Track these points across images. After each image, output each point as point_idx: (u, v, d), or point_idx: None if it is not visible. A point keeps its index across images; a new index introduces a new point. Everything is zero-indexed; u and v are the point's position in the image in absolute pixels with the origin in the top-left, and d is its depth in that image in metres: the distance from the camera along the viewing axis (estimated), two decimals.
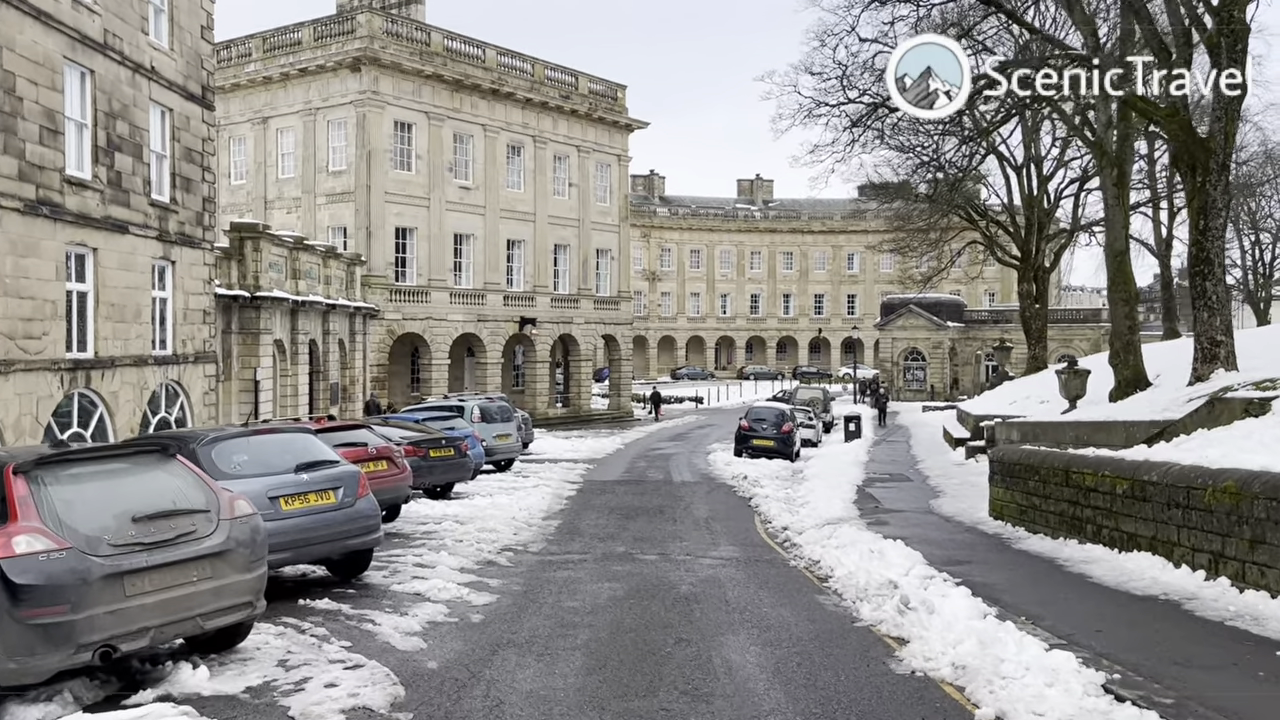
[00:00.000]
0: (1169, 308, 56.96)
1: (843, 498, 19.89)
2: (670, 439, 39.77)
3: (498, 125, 48.31)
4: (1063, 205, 48.38)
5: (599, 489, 22.55)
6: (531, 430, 34.63)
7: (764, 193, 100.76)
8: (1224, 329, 22.89)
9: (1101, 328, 64.33)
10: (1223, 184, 22.67)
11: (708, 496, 21.31)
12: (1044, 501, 14.10)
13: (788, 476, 26.22)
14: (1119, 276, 31.43)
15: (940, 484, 23.48)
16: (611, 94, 54.61)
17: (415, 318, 44.63)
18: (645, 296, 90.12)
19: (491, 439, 26.73)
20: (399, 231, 44.72)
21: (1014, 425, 25.65)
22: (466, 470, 21.39)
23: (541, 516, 17.88)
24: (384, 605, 10.48)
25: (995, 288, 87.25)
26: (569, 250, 52.14)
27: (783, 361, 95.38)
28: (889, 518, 17.34)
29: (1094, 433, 20.54)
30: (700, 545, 14.72)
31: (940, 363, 67.08)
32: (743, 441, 31.53)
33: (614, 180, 54.95)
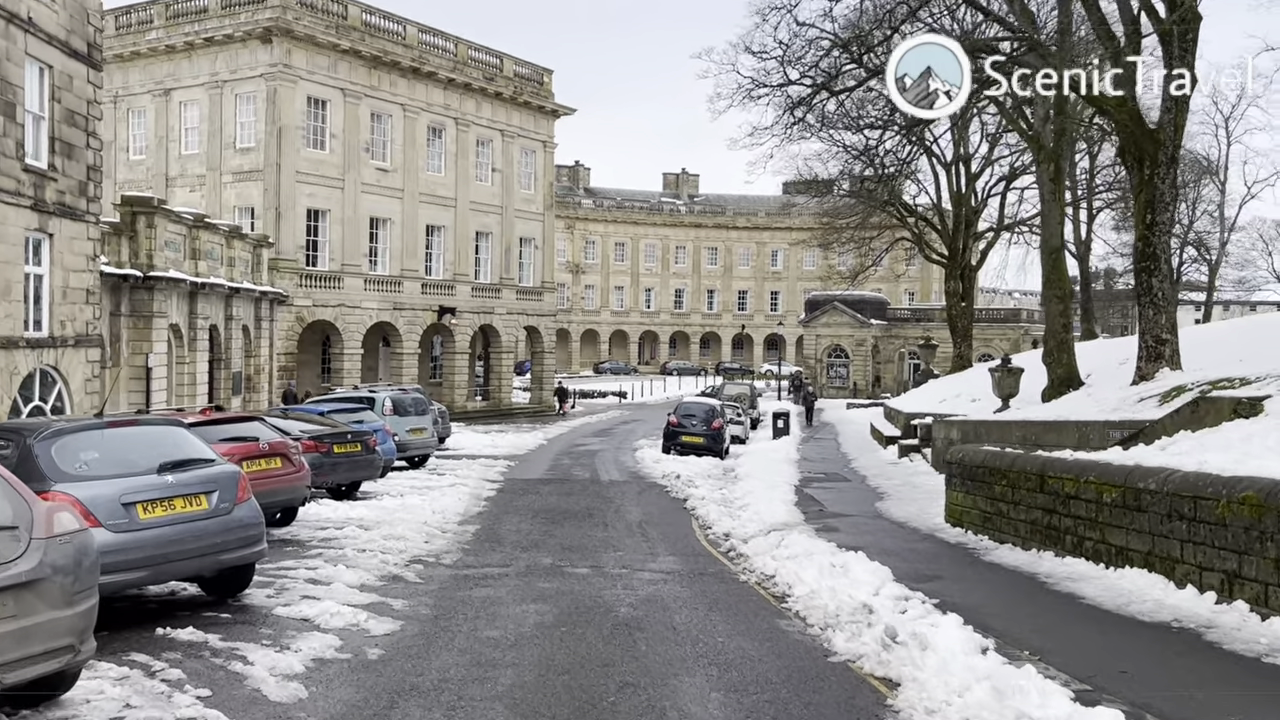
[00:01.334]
0: (1087, 308, 57.18)
1: (783, 500, 18.44)
2: (595, 435, 38.07)
3: (418, 105, 45.98)
4: (990, 204, 47.96)
5: (521, 489, 20.75)
6: (449, 424, 32.59)
7: (689, 187, 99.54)
8: (1169, 327, 22.07)
9: (1021, 328, 64.57)
10: (1171, 177, 21.85)
11: (639, 498, 19.66)
12: (1013, 509, 12.78)
13: (720, 475, 24.75)
14: (1054, 274, 30.68)
15: (881, 485, 22.22)
16: (537, 78, 52.63)
17: (327, 304, 42.12)
18: (569, 289, 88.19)
19: (404, 433, 24.69)
20: (311, 214, 42.16)
21: (953, 424, 24.55)
22: (375, 468, 19.40)
23: (457, 521, 16.03)
24: (262, 636, 8.59)
25: (915, 287, 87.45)
26: (491, 238, 50.02)
27: (706, 357, 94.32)
28: (837, 523, 15.91)
29: (1044, 433, 19.44)
30: (637, 555, 13.05)
31: (863, 360, 66.57)
32: (671, 438, 30.01)
33: (539, 167, 52.98)
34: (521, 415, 48.82)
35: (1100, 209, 53.00)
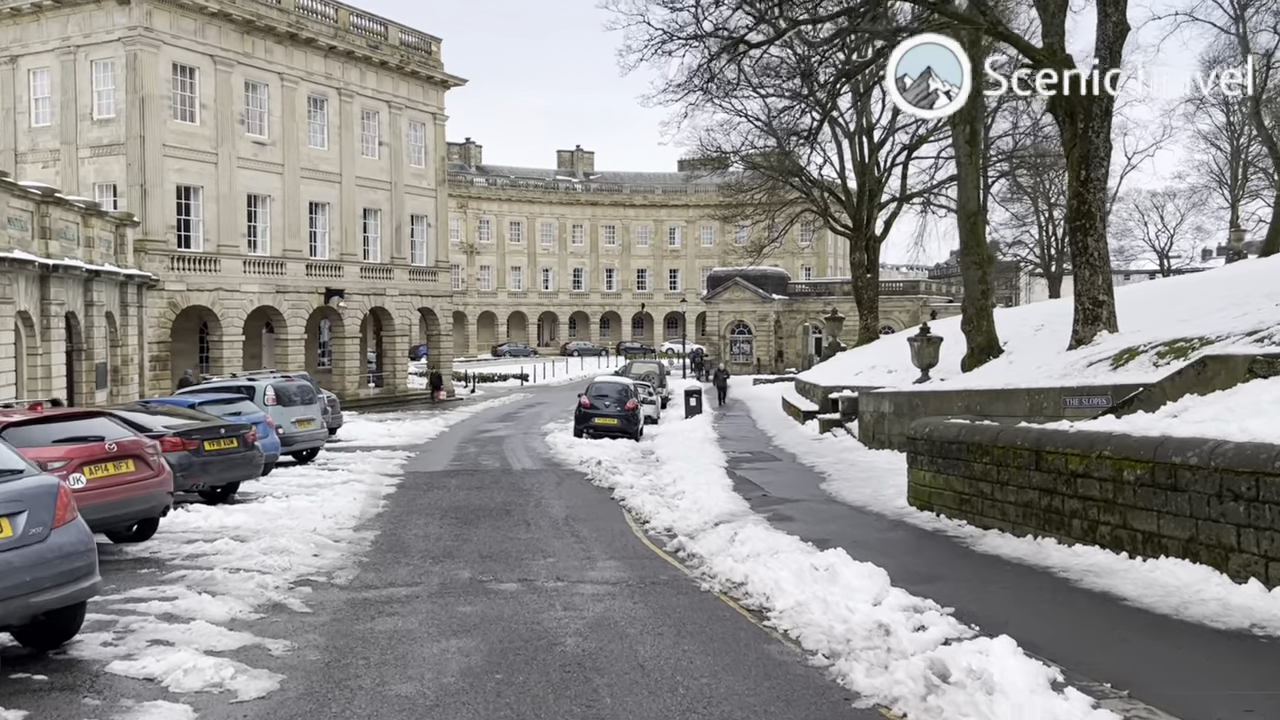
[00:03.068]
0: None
1: (719, 484, 16.55)
2: (499, 419, 35.67)
3: (297, 74, 42.49)
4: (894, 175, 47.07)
5: (425, 483, 18.36)
6: (340, 413, 29.78)
7: (585, 165, 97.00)
8: (1106, 288, 20.93)
9: (919, 299, 64.36)
10: (1105, 130, 20.67)
11: (559, 488, 17.49)
12: (999, 489, 11.10)
13: (640, 459, 22.78)
14: (971, 239, 29.58)
15: (815, 463, 20.54)
16: (425, 47, 49.52)
17: (203, 288, 38.56)
18: (463, 270, 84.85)
19: (289, 425, 21.98)
20: (182, 190, 38.47)
21: (883, 396, 23.08)
22: (254, 466, 16.78)
23: (353, 525, 13.63)
24: (83, 713, 6.22)
25: (812, 262, 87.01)
26: (380, 215, 46.86)
27: (606, 338, 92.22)
28: (788, 510, 14.08)
29: (991, 401, 18.02)
30: (572, 562, 10.93)
31: (766, 335, 65.46)
32: (583, 421, 27.91)
33: (429, 140, 49.93)
34: (418, 401, 45.96)
35: (996, 178, 52.75)
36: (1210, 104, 61.79)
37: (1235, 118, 62.37)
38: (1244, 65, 26.48)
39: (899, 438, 21.58)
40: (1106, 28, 20.00)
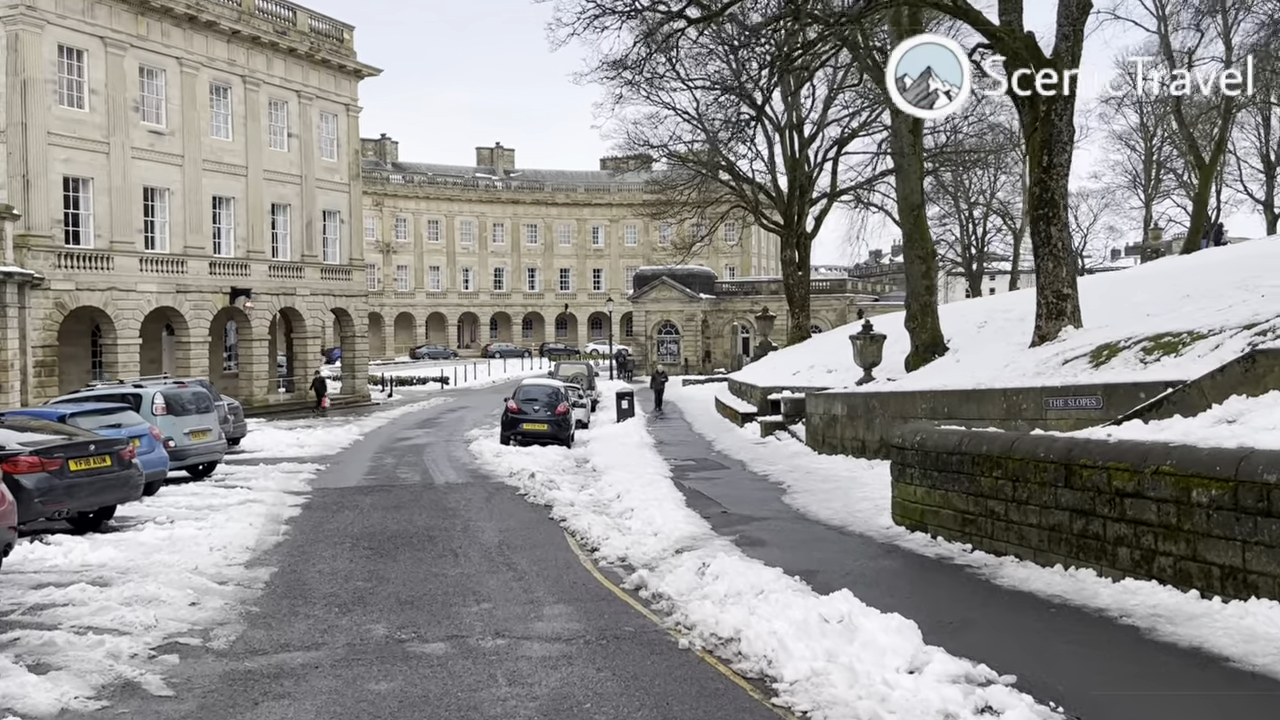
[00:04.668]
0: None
1: (670, 499, 14.62)
2: (419, 426, 33.22)
3: (197, 60, 39.31)
4: (825, 170, 45.80)
5: (335, 502, 16.03)
6: (243, 422, 27.06)
7: (505, 162, 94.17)
8: (1070, 281, 19.57)
9: (846, 298, 63.48)
10: (1069, 113, 19.37)
11: (490, 506, 15.34)
12: (1016, 509, 9.38)
13: (575, 469, 20.77)
14: (915, 233, 28.17)
15: (768, 472, 18.75)
16: (337, 34, 46.60)
17: (95, 288, 35.23)
18: (380, 270, 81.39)
19: (182, 437, 19.40)
20: (69, 182, 35.08)
21: (834, 397, 21.45)
22: (132, 487, 14.29)
23: (245, 560, 11.33)
24: None
25: (736, 261, 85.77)
26: (290, 211, 43.82)
27: (529, 339, 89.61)
28: (756, 530, 12.21)
29: (961, 403, 16.45)
30: (513, 607, 8.87)
31: (694, 335, 63.79)
32: (511, 427, 25.74)
33: (342, 133, 47.00)
34: (332, 407, 43.10)
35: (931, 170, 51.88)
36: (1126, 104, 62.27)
37: (1149, 120, 62.92)
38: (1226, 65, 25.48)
39: (853, 442, 20.00)
40: (1070, 4, 18.67)
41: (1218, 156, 45.82)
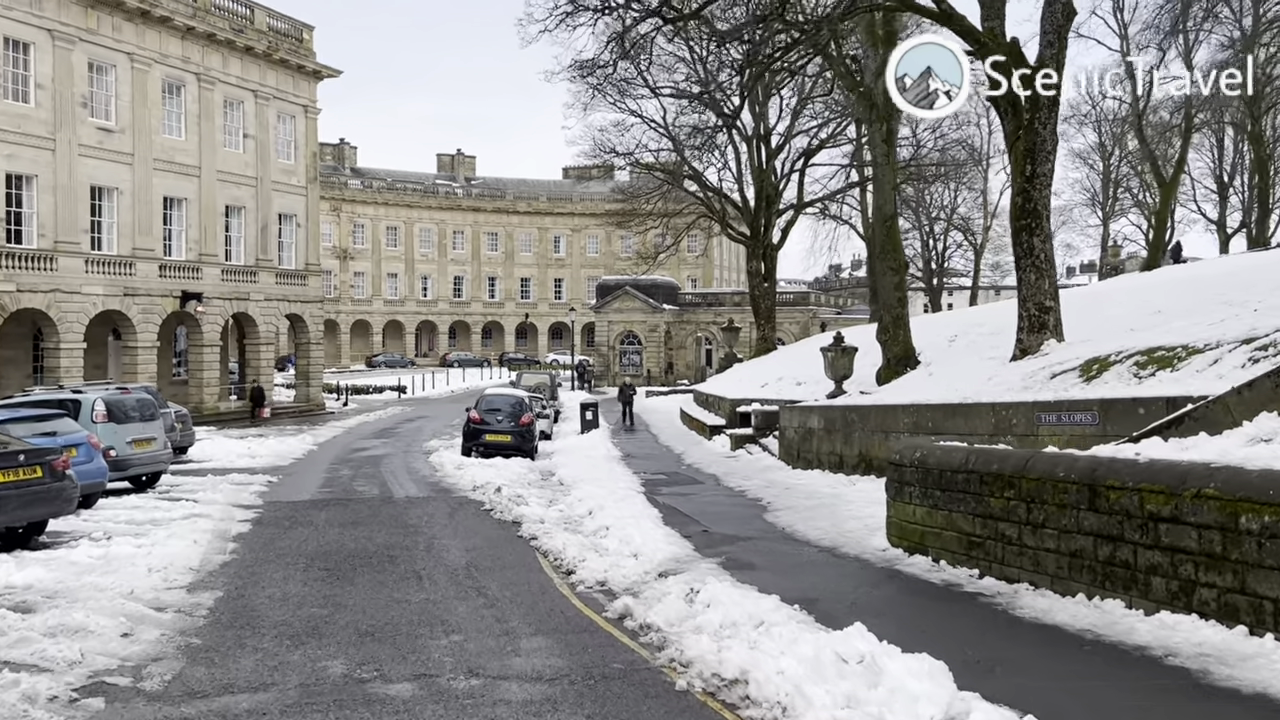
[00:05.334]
0: (875, 290, 56.30)
1: (646, 516, 13.79)
2: (376, 436, 32.06)
3: (149, 56, 37.90)
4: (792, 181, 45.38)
5: (288, 517, 14.98)
6: (192, 430, 25.80)
7: (466, 169, 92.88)
8: (1052, 293, 19.10)
9: (809, 311, 63.16)
10: (1053, 122, 18.92)
11: (454, 523, 14.39)
12: (1032, 533, 8.68)
13: (542, 483, 19.88)
14: (888, 244, 27.71)
15: (745, 487, 17.98)
16: (296, 34, 45.34)
17: (37, 289, 33.69)
18: (336, 276, 79.66)
19: (124, 446, 18.22)
20: (12, 179, 33.54)
21: (810, 410, 20.78)
22: (65, 500, 13.16)
23: (187, 582, 10.31)
24: None
25: (698, 273, 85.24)
26: (245, 213, 42.43)
27: (489, 348, 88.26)
28: (743, 551, 11.41)
29: (946, 418, 15.81)
30: (486, 640, 7.97)
31: (657, 346, 63.00)
32: (473, 438, 24.75)
33: (300, 134, 45.70)
34: (285, 415, 41.72)
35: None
36: (1087, 123, 62.75)
37: (1108, 139, 63.52)
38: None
39: (830, 457, 19.31)
40: (1055, 9, 18.24)
41: (1178, 175, 46.14)
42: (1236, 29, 43.20)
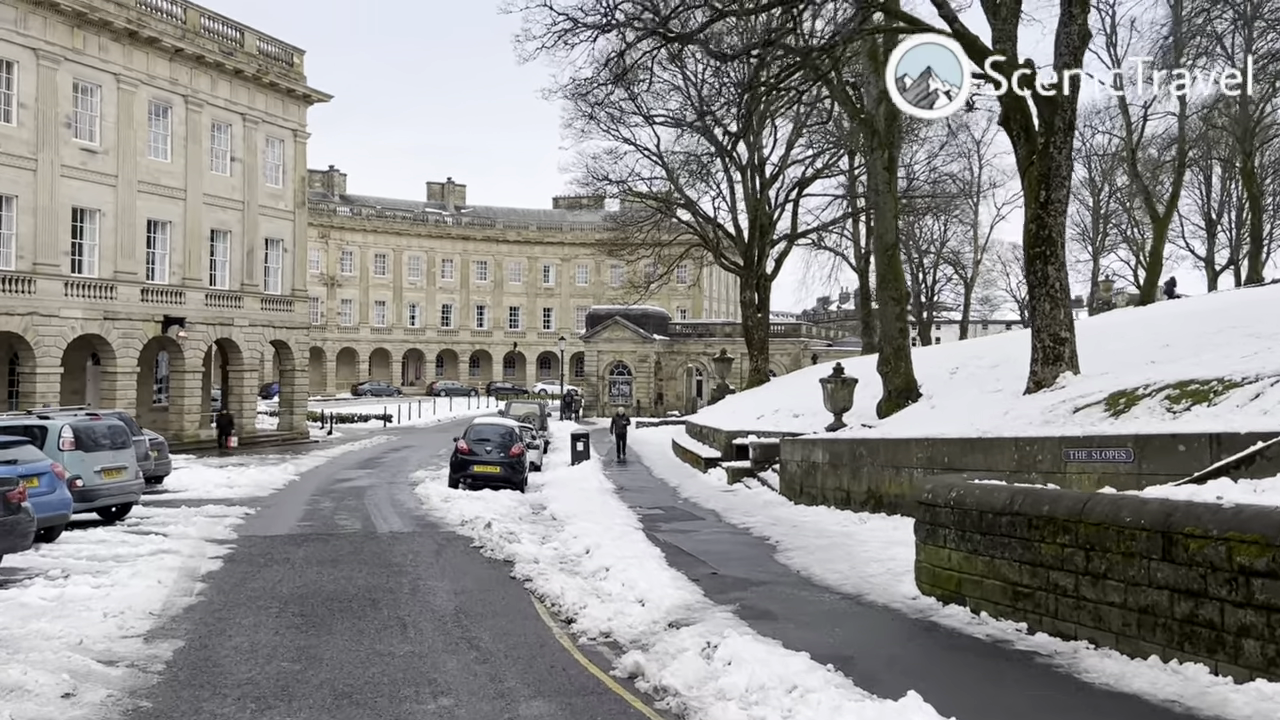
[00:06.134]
0: (868, 323, 55.60)
1: (648, 556, 12.76)
2: (360, 466, 30.90)
3: (136, 77, 36.99)
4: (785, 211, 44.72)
5: (263, 554, 13.88)
6: (168, 458, 24.62)
7: (456, 198, 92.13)
8: (1068, 324, 18.28)
9: (801, 342, 62.38)
10: (1068, 146, 18.18)
11: (441, 562, 13.31)
12: (1092, 584, 7.72)
13: (533, 517, 18.85)
14: (889, 273, 26.94)
15: (749, 524, 16.96)
16: (286, 58, 44.54)
17: (14, 312, 32.49)
18: (323, 304, 78.56)
19: (92, 475, 17.09)
20: None
21: (815, 444, 19.82)
22: (19, 535, 12.06)
23: (145, 630, 9.22)
24: None
25: (687, 304, 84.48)
26: (230, 237, 41.39)
27: (476, 377, 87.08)
28: (758, 598, 10.40)
29: (964, 452, 14.89)
30: (479, 705, 6.93)
31: (646, 377, 62.01)
32: (461, 469, 23.68)
33: (288, 159, 44.78)
34: (268, 444, 40.47)
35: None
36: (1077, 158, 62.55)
37: (1097, 174, 63.34)
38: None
39: (836, 492, 18.35)
40: (1071, 31, 17.58)
41: (1171, 210, 45.68)
42: (1229, 65, 42.93)
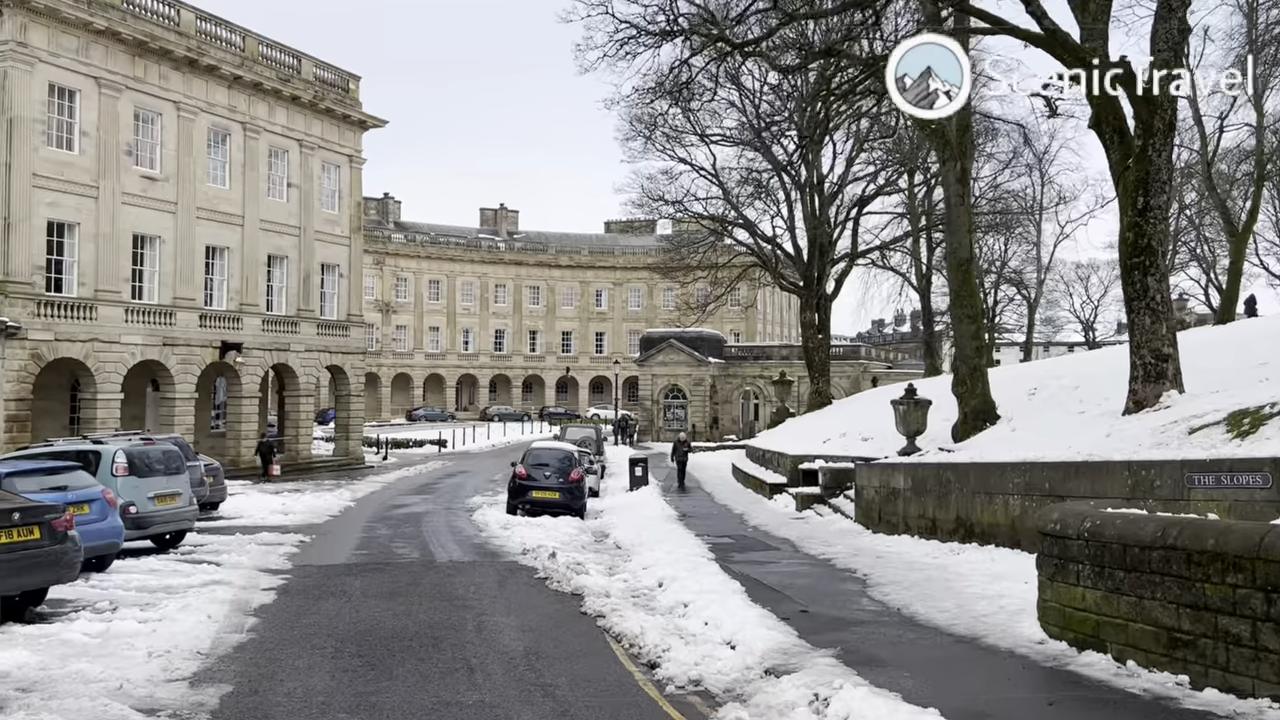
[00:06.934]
0: (930, 344, 54.09)
1: (727, 590, 11.74)
2: (416, 491, 30.24)
3: (195, 104, 37.09)
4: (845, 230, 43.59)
5: (318, 585, 13.10)
6: (223, 484, 24.13)
7: (509, 223, 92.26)
8: (1171, 339, 16.97)
9: (860, 365, 60.93)
10: (1169, 149, 17.01)
11: (505, 594, 12.42)
12: (1274, 633, 6.60)
13: (596, 545, 17.92)
14: (964, 289, 25.65)
15: (830, 555, 15.83)
16: (343, 84, 44.61)
17: (75, 339, 32.46)
18: (379, 330, 78.77)
19: (145, 502, 16.52)
20: (54, 227, 32.53)
21: (895, 469, 18.65)
22: (65, 566, 11.36)
23: (191, 672, 8.42)
24: None
25: (740, 326, 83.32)
26: (287, 263, 41.30)
27: (529, 402, 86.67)
28: (859, 640, 9.34)
29: (1066, 478, 13.67)
30: None
31: (702, 401, 60.89)
32: (519, 495, 22.86)
33: (344, 184, 44.73)
34: (324, 469, 40.10)
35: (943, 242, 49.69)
36: None
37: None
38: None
39: (921, 521, 17.17)
40: (1170, 25, 16.44)
41: (1251, 224, 43.75)
42: None
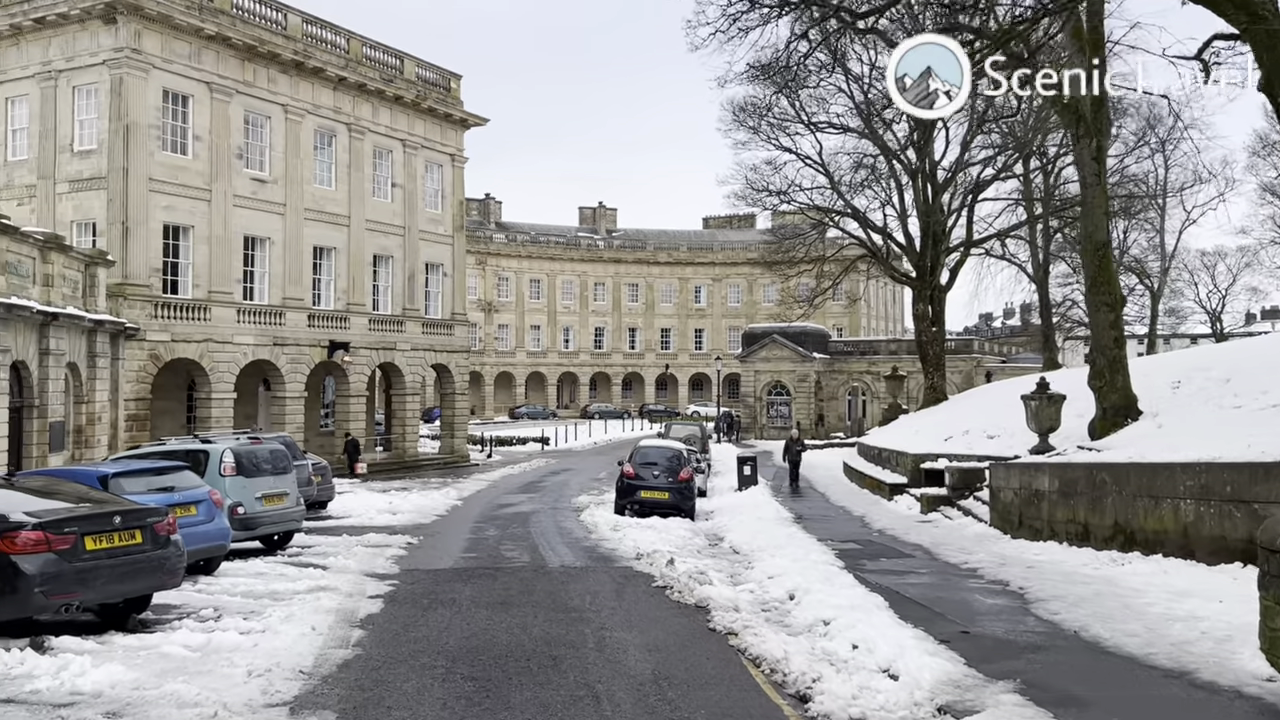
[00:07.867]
0: (1048, 336, 51.42)
1: (871, 606, 10.48)
2: (521, 490, 29.63)
3: (302, 107, 37.35)
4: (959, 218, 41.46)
5: (427, 592, 12.33)
6: (331, 483, 23.87)
7: (608, 221, 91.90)
8: None
9: (973, 359, 58.39)
10: None
11: (623, 605, 11.43)
12: None
13: (711, 550, 16.86)
14: (1101, 276, 23.63)
15: (973, 564, 14.39)
16: (444, 83, 44.53)
17: (191, 339, 32.90)
18: (481, 329, 79.25)
19: (253, 502, 16.11)
20: (169, 230, 33.04)
21: (1039, 469, 17.04)
22: (168, 571, 10.78)
23: (293, 695, 7.64)
24: None
25: (844, 321, 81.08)
26: (392, 262, 41.36)
27: (629, 399, 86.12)
28: (1041, 671, 8.03)
29: (1255, 481, 11.99)
30: None
31: (806, 397, 59.16)
32: (627, 494, 21.93)
33: (447, 183, 44.65)
34: (429, 467, 40.00)
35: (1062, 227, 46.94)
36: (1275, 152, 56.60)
37: None
38: None
39: (1070, 526, 15.57)
40: None
41: None
42: None
